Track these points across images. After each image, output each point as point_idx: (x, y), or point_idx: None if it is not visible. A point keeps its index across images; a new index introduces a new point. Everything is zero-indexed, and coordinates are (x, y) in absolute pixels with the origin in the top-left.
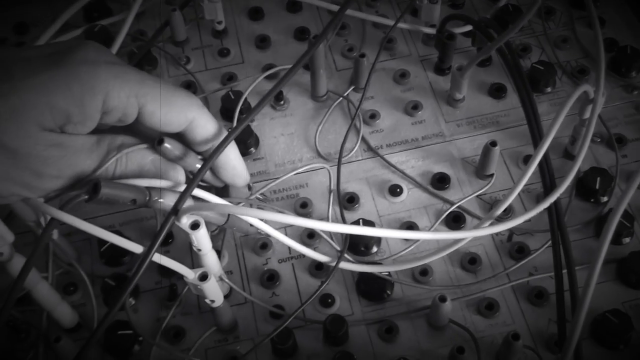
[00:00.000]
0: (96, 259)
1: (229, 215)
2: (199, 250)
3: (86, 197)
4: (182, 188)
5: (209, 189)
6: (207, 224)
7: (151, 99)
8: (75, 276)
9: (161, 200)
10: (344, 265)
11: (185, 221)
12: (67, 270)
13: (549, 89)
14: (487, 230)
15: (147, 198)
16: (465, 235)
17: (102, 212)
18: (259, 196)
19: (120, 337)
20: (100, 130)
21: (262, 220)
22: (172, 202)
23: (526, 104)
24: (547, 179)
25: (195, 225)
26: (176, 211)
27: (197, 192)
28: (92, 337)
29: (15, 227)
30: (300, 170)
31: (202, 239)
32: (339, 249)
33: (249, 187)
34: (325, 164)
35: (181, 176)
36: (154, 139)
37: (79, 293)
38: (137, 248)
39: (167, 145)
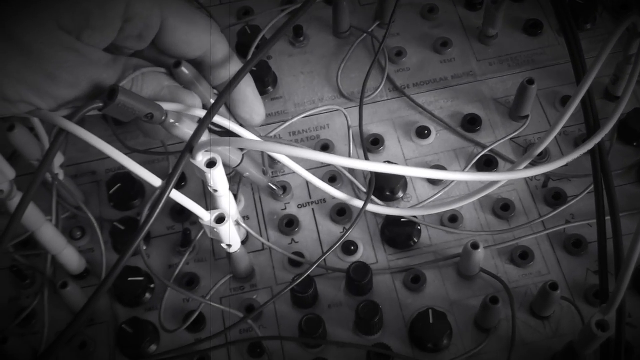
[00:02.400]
0: (105, 203)
1: (242, 157)
2: (215, 191)
3: (101, 104)
4: (199, 115)
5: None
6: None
7: (175, 13)
8: (82, 220)
9: (177, 124)
10: (371, 207)
11: (200, 159)
12: (73, 214)
13: (588, 26)
14: (523, 174)
15: (164, 118)
16: (498, 178)
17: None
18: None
19: (130, 284)
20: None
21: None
22: (189, 129)
23: (569, 38)
24: (591, 118)
25: (211, 164)
26: (191, 148)
27: (217, 119)
28: (104, 283)
29: (19, 169)
30: (313, 112)
31: (218, 178)
32: (364, 190)
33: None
34: (345, 105)
35: (198, 104)
36: (170, 66)
37: (86, 238)
38: (155, 180)
39: (184, 69)
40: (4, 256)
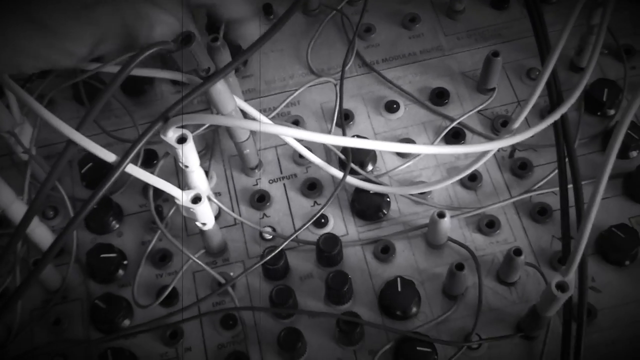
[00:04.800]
0: (77, 182)
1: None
2: (186, 167)
3: (175, 46)
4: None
5: None
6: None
7: None
8: (55, 199)
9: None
10: (351, 180)
11: (171, 135)
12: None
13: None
14: (490, 146)
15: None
16: (468, 150)
17: None
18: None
19: (103, 260)
20: None
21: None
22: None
23: (532, 12)
24: (554, 93)
25: (182, 140)
26: (166, 118)
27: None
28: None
29: None
30: (304, 87)
31: (189, 154)
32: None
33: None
34: (324, 80)
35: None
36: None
37: (59, 217)
38: (109, 156)
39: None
40: None
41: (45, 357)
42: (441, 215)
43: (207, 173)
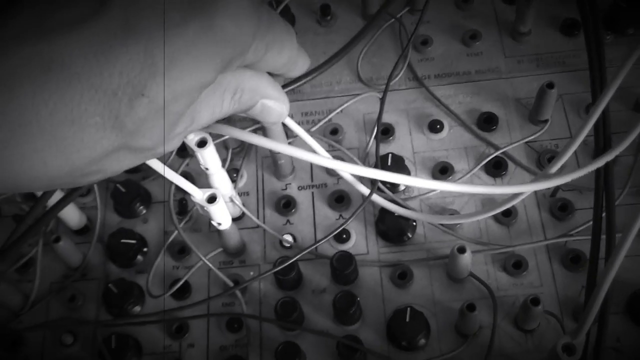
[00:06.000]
0: None
1: None
2: (207, 169)
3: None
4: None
5: None
6: None
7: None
8: None
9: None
10: (375, 199)
11: (192, 137)
12: None
13: (630, 30)
14: (532, 187)
15: None
16: (515, 190)
17: None
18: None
19: (123, 245)
20: None
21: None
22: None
23: (590, 41)
24: (601, 137)
25: (202, 143)
26: None
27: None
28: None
29: None
30: (346, 104)
31: (209, 157)
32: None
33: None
34: (361, 90)
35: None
36: None
37: (91, 195)
38: None
39: None
40: (12, 204)
41: (54, 331)
42: (461, 250)
43: (238, 172)
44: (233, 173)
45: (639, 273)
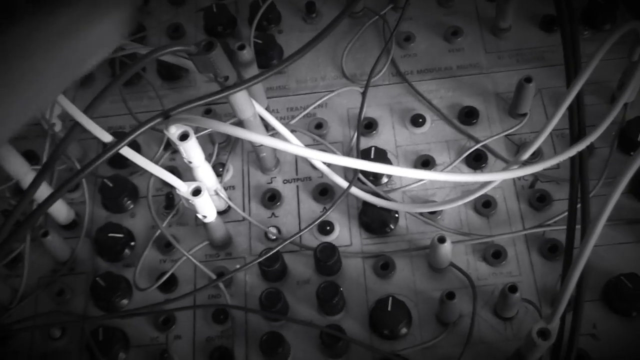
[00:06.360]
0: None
1: None
2: (190, 162)
3: (193, 50)
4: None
5: None
6: None
7: None
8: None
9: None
10: (354, 191)
11: (173, 131)
12: (69, 167)
13: (607, 26)
14: (504, 175)
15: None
16: (481, 179)
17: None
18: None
19: (110, 239)
20: None
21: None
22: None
23: (566, 35)
24: (576, 126)
25: (184, 136)
26: (167, 115)
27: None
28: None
29: None
30: (327, 96)
31: (191, 150)
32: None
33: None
34: (346, 86)
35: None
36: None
37: (79, 191)
38: (106, 137)
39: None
40: (0, 200)
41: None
42: (441, 240)
43: (224, 166)
44: (219, 167)
45: (614, 262)
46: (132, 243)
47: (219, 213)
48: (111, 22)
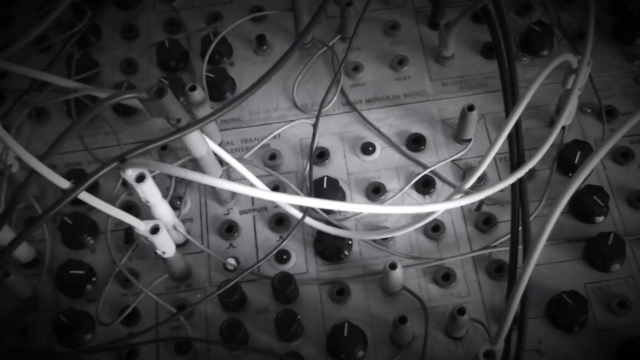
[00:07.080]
0: (60, 196)
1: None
2: (147, 202)
3: (145, 96)
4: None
5: None
6: None
7: None
8: (35, 212)
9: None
10: (309, 221)
11: (130, 173)
12: (28, 204)
13: (545, 52)
14: (454, 204)
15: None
16: (430, 209)
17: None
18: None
19: (72, 276)
20: None
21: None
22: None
23: (503, 64)
24: (515, 153)
25: (140, 178)
26: (123, 159)
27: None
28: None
29: None
30: (279, 130)
31: (148, 191)
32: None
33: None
34: (298, 117)
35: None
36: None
37: (39, 229)
38: (63, 183)
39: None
40: None
41: None
42: (392, 266)
43: (181, 199)
44: (177, 200)
45: (557, 279)
46: (94, 279)
47: (178, 246)
48: None
